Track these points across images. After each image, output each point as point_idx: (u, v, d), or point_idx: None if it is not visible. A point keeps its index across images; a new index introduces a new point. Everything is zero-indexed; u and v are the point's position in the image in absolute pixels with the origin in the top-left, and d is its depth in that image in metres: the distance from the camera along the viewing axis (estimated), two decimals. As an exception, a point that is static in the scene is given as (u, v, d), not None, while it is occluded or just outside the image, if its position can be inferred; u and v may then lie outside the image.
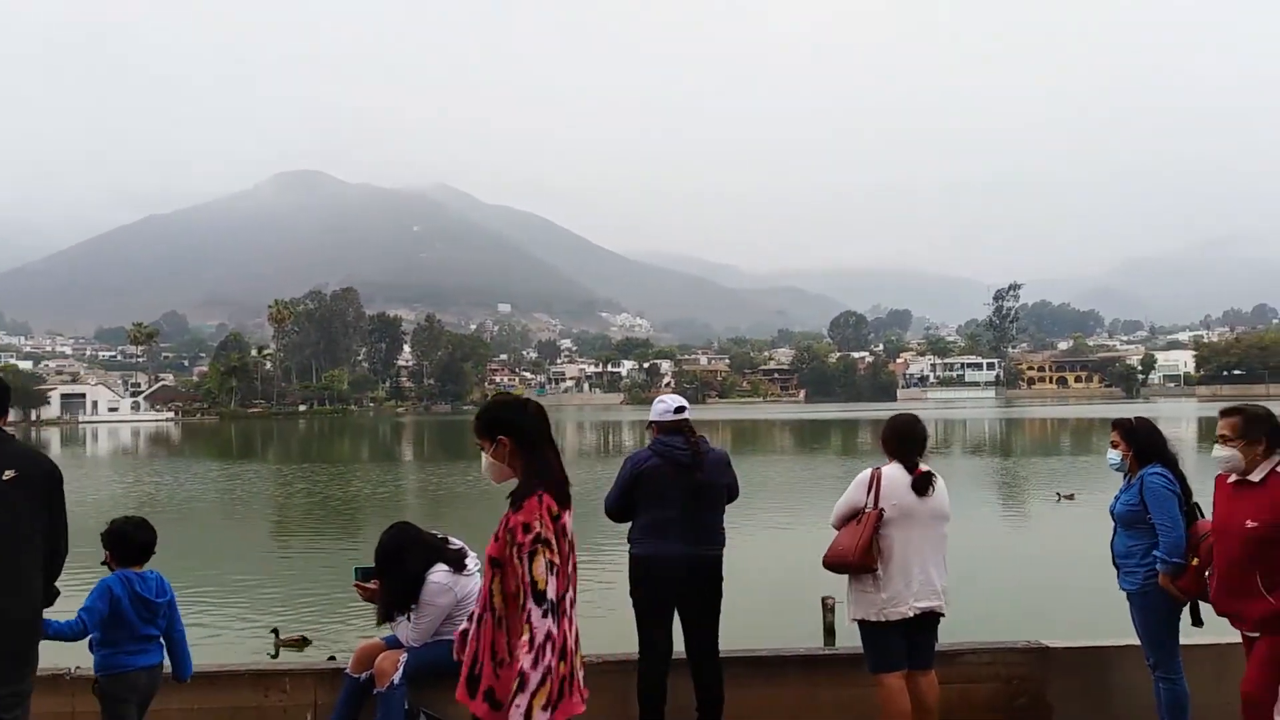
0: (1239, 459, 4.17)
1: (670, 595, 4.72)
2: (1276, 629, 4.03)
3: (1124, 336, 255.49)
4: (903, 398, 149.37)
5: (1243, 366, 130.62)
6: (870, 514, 4.50)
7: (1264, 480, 4.12)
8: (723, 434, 57.49)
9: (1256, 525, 4.05)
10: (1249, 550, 4.08)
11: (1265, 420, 4.17)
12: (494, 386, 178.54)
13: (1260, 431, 4.14)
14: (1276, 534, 4.03)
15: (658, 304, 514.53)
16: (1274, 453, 4.14)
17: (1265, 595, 4.03)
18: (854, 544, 4.48)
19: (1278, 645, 4.03)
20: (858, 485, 4.62)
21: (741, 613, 9.55)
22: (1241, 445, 4.16)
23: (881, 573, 4.48)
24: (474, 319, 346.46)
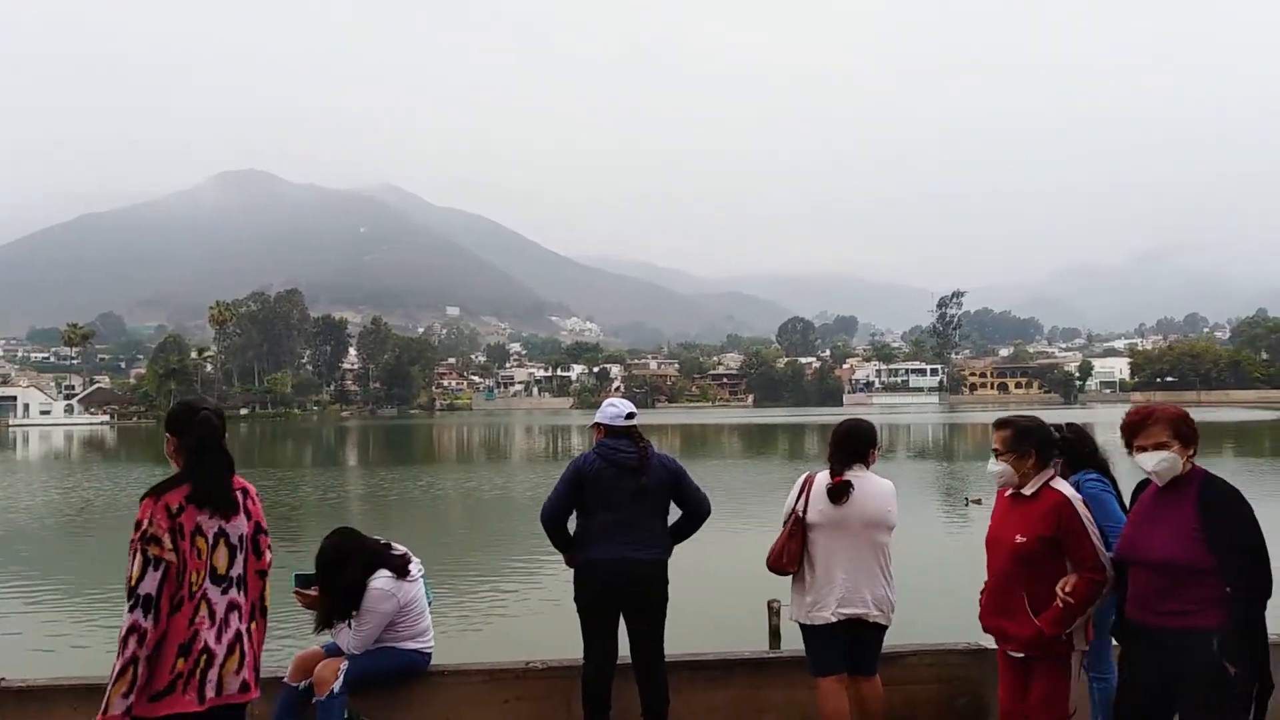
0: (1010, 472, 4.03)
1: (614, 600, 4.69)
2: (1047, 653, 3.89)
3: (1062, 344, 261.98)
4: (849, 403, 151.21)
5: (1175, 374, 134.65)
6: (792, 519, 4.58)
7: (1035, 494, 3.99)
8: (672, 438, 57.63)
9: (1024, 540, 3.92)
10: (1016, 566, 3.95)
11: (1035, 433, 4.03)
12: (441, 390, 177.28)
13: (1030, 444, 4.00)
14: (1043, 550, 3.88)
15: (608, 308, 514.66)
16: (1046, 466, 4.04)
17: (1030, 616, 3.88)
18: (777, 547, 4.60)
19: (1056, 670, 3.90)
20: (793, 490, 4.68)
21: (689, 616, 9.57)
22: (1012, 459, 4.01)
23: (809, 577, 4.54)
24: (421, 322, 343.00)
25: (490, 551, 17.16)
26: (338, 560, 4.67)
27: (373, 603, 4.63)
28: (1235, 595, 3.37)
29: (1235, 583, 3.38)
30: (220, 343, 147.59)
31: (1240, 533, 3.44)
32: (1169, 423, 3.61)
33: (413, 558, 4.88)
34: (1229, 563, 3.40)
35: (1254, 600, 3.40)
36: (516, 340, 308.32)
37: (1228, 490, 3.54)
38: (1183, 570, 3.48)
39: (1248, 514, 3.49)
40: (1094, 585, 3.80)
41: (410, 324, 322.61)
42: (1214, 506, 3.48)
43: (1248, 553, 3.41)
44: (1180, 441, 3.59)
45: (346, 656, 4.61)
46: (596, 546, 4.69)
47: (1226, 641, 3.35)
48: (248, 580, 3.25)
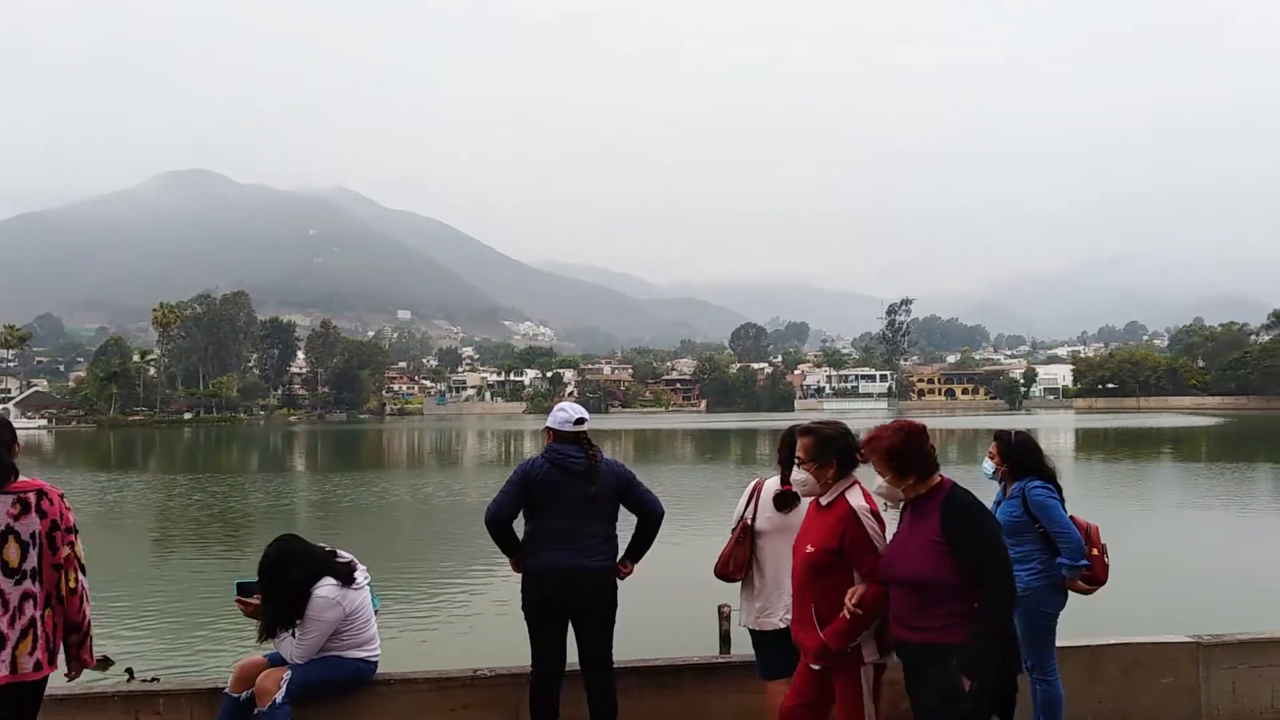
0: (812, 481, 4.00)
1: (561, 607, 4.66)
2: (837, 666, 3.83)
3: (1008, 351, 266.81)
4: (800, 408, 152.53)
5: (1116, 380, 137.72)
6: (740, 525, 4.60)
7: (830, 504, 3.96)
8: (625, 443, 57.61)
9: (813, 550, 3.89)
10: (807, 576, 3.93)
11: (836, 442, 3.99)
12: (392, 395, 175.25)
13: (831, 453, 3.96)
14: (829, 560, 3.83)
15: (562, 313, 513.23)
16: (847, 475, 4.00)
17: (816, 628, 3.84)
18: (724, 555, 4.62)
19: (848, 684, 3.83)
20: (743, 496, 4.69)
21: (639, 622, 9.56)
22: (814, 468, 3.98)
23: (757, 583, 4.55)
24: (372, 325, 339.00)
25: (438, 558, 17.00)
26: (280, 568, 4.59)
27: (317, 611, 4.55)
28: (979, 609, 3.35)
29: (979, 597, 3.37)
30: (164, 345, 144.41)
31: (979, 546, 3.41)
32: (882, 455, 3.64)
33: (358, 565, 4.82)
34: (971, 577, 3.38)
35: (997, 614, 3.35)
36: (469, 344, 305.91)
37: (968, 504, 3.52)
38: (928, 586, 3.47)
39: (988, 527, 3.49)
40: (880, 597, 3.72)
41: (360, 327, 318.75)
42: (954, 521, 3.47)
43: (987, 565, 3.38)
44: (895, 472, 3.63)
45: (289, 666, 4.53)
46: (542, 553, 4.66)
47: (967, 656, 3.32)
48: (43, 573, 3.54)
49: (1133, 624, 7.22)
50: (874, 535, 3.83)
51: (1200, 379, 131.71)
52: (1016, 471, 5.00)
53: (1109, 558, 4.90)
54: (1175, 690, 5.30)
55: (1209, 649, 5.36)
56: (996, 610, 3.36)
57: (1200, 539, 17.86)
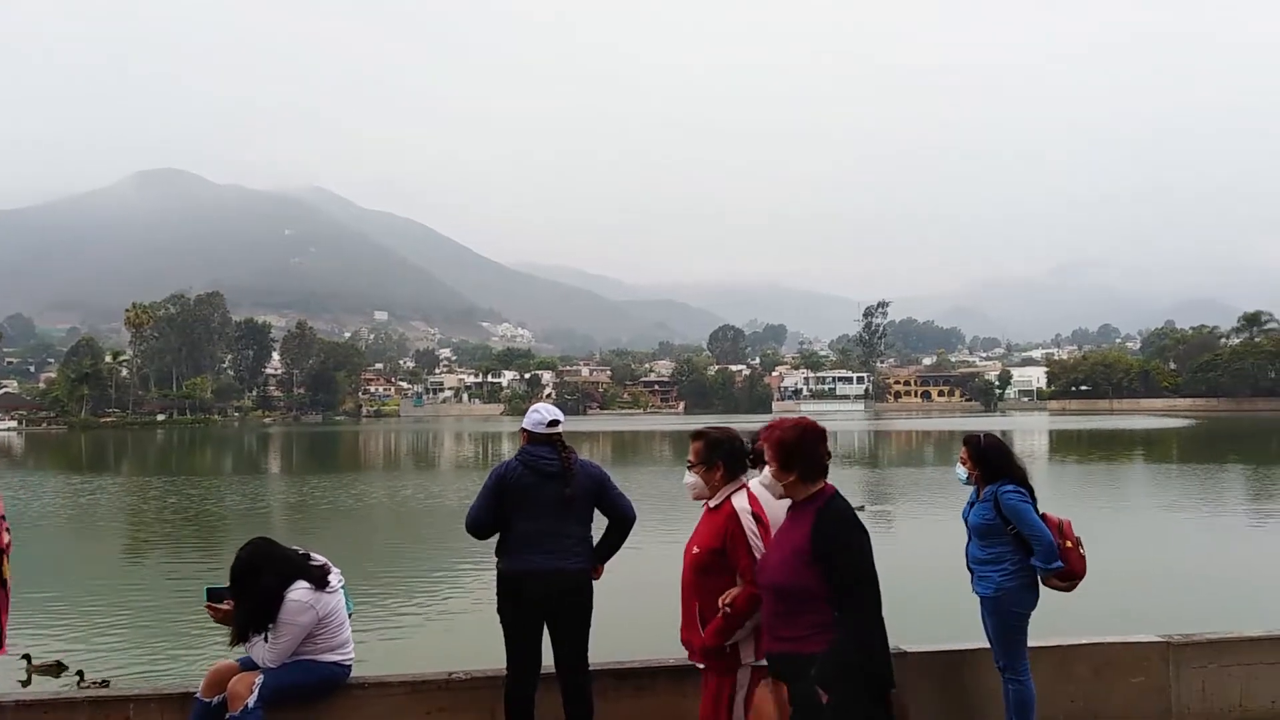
0: (700, 484, 4.07)
1: (537, 610, 4.66)
2: (715, 666, 3.90)
3: (983, 353, 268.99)
4: (778, 410, 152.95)
5: (1089, 382, 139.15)
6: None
7: (718, 506, 4.02)
8: (603, 445, 57.58)
9: (698, 551, 3.98)
10: (691, 576, 4.01)
11: (724, 445, 4.04)
12: (368, 396, 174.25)
13: (718, 456, 4.02)
14: (712, 561, 3.90)
15: (539, 315, 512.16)
16: (735, 478, 4.04)
17: (698, 628, 3.92)
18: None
19: (722, 685, 3.90)
20: None
21: (616, 624, 9.55)
22: (702, 471, 4.05)
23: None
24: (348, 326, 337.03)
25: (414, 560, 16.91)
26: (253, 571, 4.55)
27: (290, 615, 4.52)
28: (840, 621, 3.28)
29: (841, 608, 3.29)
30: (136, 346, 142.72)
31: (845, 555, 3.32)
32: (773, 445, 3.57)
33: (332, 568, 4.78)
34: (833, 587, 3.31)
35: (858, 626, 3.26)
36: (446, 346, 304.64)
37: (840, 514, 3.43)
38: (792, 594, 3.42)
39: (857, 538, 3.38)
40: (754, 599, 3.76)
41: (337, 328, 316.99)
42: (824, 529, 3.38)
43: (851, 577, 3.29)
44: (779, 464, 3.52)
45: (262, 670, 4.50)
46: (518, 556, 4.66)
47: (823, 668, 3.25)
48: None
49: (1104, 624, 7.29)
50: (751, 536, 3.87)
51: (1172, 381, 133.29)
52: (988, 475, 5.05)
53: (1084, 549, 4.94)
54: (1146, 689, 5.37)
55: (1179, 648, 5.43)
56: (857, 623, 3.25)
57: (1171, 540, 18.08)
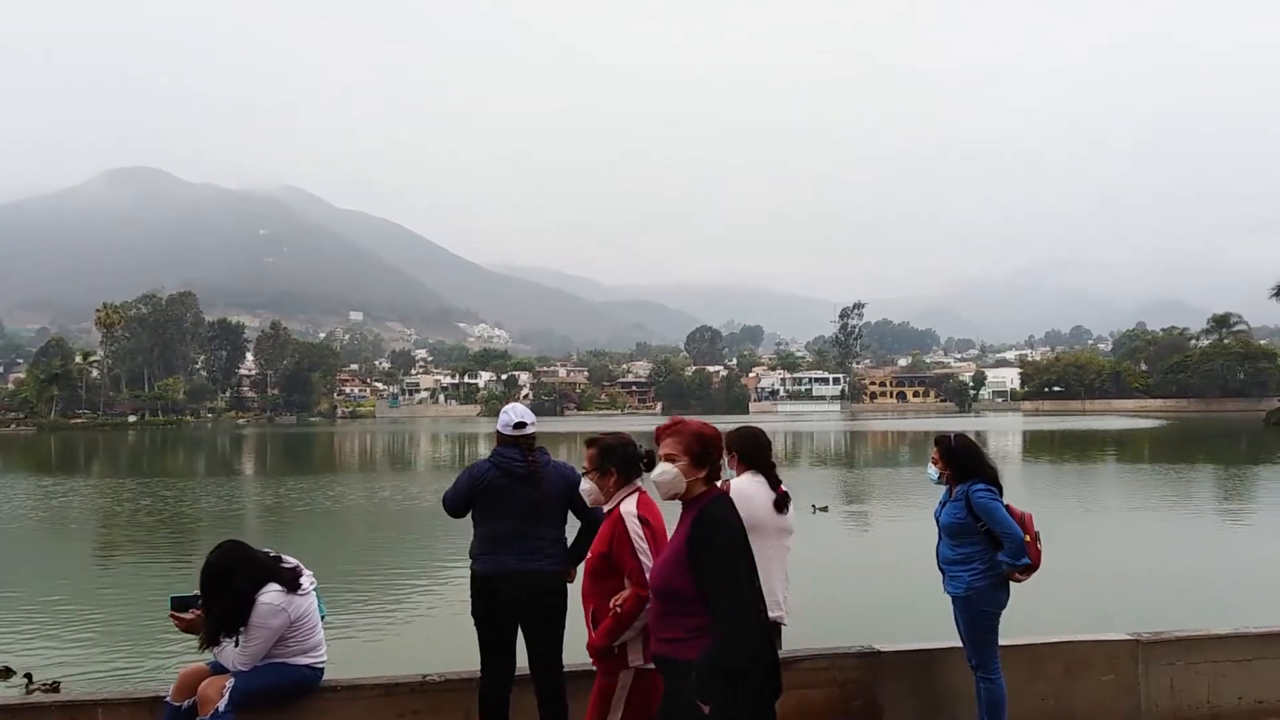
0: (595, 490, 4.16)
1: (509, 611, 4.64)
2: (604, 667, 3.95)
3: (958, 354, 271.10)
4: (755, 410, 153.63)
5: (1062, 383, 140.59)
6: None
7: (610, 511, 4.10)
8: (580, 446, 57.44)
9: (590, 556, 4.09)
10: (585, 580, 4.10)
11: (616, 451, 4.11)
12: (343, 397, 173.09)
13: (611, 462, 4.09)
14: (603, 565, 3.98)
15: (516, 315, 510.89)
16: (628, 483, 4.09)
17: (590, 629, 4.02)
18: None
19: (606, 686, 3.97)
20: None
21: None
22: (596, 477, 4.15)
23: None
24: (323, 327, 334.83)
25: (388, 562, 16.81)
26: (224, 574, 4.50)
27: (261, 618, 4.48)
28: (713, 626, 3.22)
29: (710, 612, 3.24)
30: (107, 347, 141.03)
31: (713, 558, 3.25)
32: (682, 437, 3.49)
33: (304, 570, 4.75)
34: (705, 590, 3.26)
35: (725, 633, 3.18)
36: (422, 346, 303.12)
37: (715, 515, 3.36)
38: (670, 596, 3.38)
39: (729, 539, 3.30)
40: (640, 601, 3.81)
41: (311, 329, 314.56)
42: (698, 531, 3.33)
43: (717, 580, 3.23)
44: (690, 458, 3.43)
45: (232, 673, 4.45)
46: (490, 557, 4.66)
47: (700, 677, 3.19)
48: None
49: (1074, 622, 7.37)
50: (636, 540, 3.91)
51: (1143, 382, 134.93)
52: (959, 475, 5.08)
53: (1041, 544, 4.99)
54: (1115, 687, 5.42)
55: (1148, 646, 5.49)
56: (725, 629, 3.18)
57: (1141, 539, 18.29)
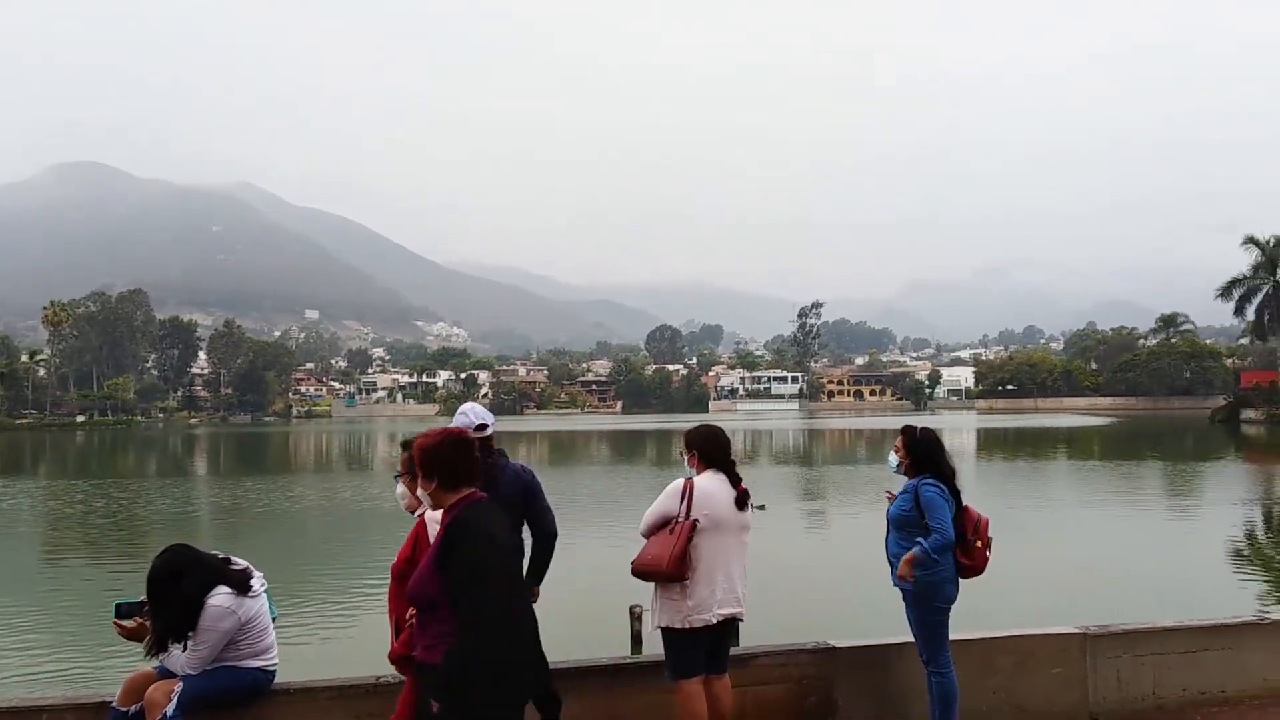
0: (408, 494, 4.23)
1: None
2: (407, 673, 3.87)
3: (914, 353, 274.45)
4: (714, 409, 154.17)
5: (1015, 382, 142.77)
6: (684, 524, 4.55)
7: (418, 515, 4.14)
8: (540, 445, 57.30)
9: (395, 561, 4.13)
10: (392, 585, 4.13)
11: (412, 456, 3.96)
12: (299, 396, 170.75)
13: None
14: (406, 571, 3.94)
15: (476, 314, 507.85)
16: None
17: (393, 637, 4.02)
18: (666, 553, 4.52)
19: (411, 689, 3.87)
20: (671, 494, 4.67)
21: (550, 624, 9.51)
22: (408, 480, 4.18)
23: (689, 581, 4.55)
24: (278, 325, 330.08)
25: (342, 563, 16.60)
26: (172, 578, 4.41)
27: (211, 620, 4.40)
28: (457, 630, 3.25)
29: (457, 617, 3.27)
30: (55, 345, 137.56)
31: (460, 565, 3.26)
32: (410, 456, 3.56)
33: (255, 572, 4.67)
34: (452, 596, 3.27)
35: (467, 637, 3.20)
36: (380, 345, 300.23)
37: (464, 521, 3.36)
38: (423, 602, 3.41)
39: (467, 543, 3.29)
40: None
41: (266, 327, 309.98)
42: (447, 536, 3.35)
43: (463, 585, 3.24)
44: (420, 473, 3.52)
45: (181, 677, 4.37)
46: None
47: (433, 677, 3.25)
48: None
49: (1026, 617, 7.48)
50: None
51: (1093, 380, 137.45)
52: (917, 466, 5.13)
53: (990, 552, 5.06)
54: (1064, 680, 5.51)
55: (1095, 639, 5.59)
56: (465, 633, 3.20)
57: (1091, 534, 18.65)
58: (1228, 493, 24.87)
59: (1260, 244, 63.82)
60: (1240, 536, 17.72)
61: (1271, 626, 6.04)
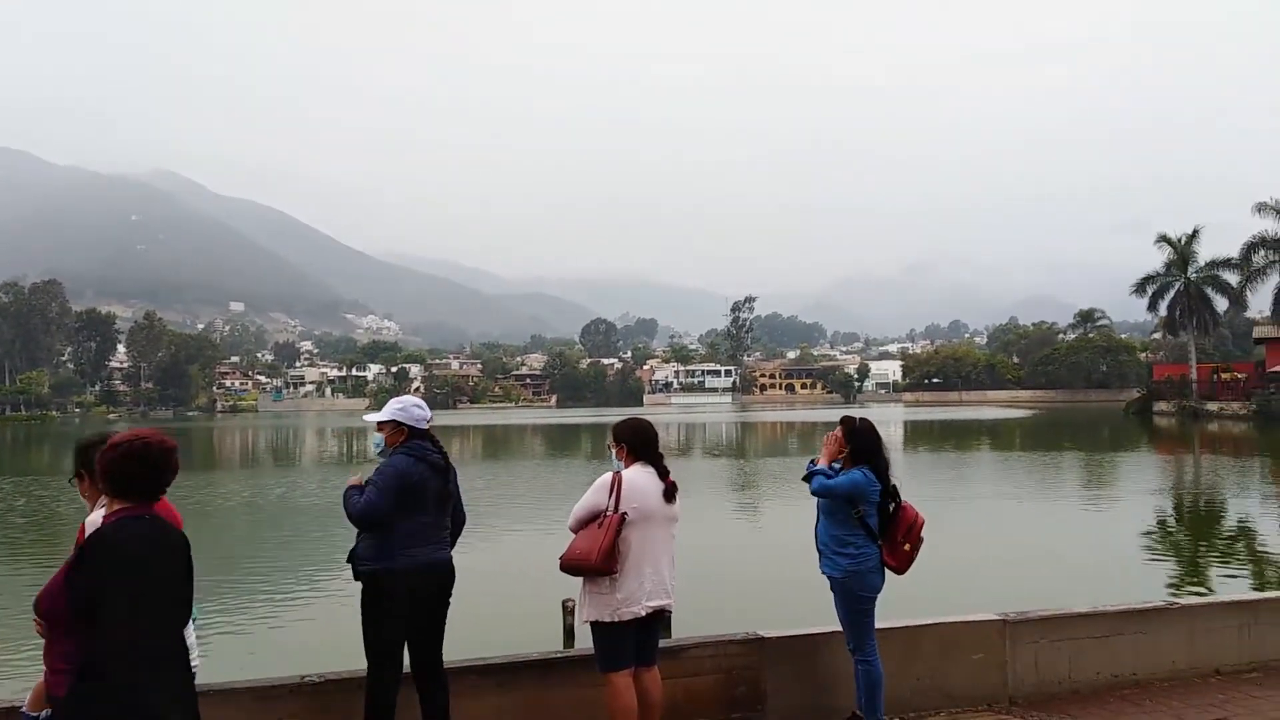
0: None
1: (415, 606, 4.54)
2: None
3: (843, 347, 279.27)
4: (649, 403, 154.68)
5: (940, 375, 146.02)
6: (613, 517, 4.55)
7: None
8: (474, 440, 56.80)
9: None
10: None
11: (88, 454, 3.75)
12: (223, 391, 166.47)
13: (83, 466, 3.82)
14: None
15: (408, 307, 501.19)
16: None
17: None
18: (595, 547, 4.51)
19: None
20: (599, 489, 4.67)
21: (482, 619, 9.44)
22: (83, 483, 3.96)
23: (618, 574, 4.55)
24: (202, 318, 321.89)
25: (262, 560, 16.20)
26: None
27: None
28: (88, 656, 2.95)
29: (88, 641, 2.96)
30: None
31: (82, 584, 2.97)
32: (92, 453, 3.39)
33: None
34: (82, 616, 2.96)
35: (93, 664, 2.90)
36: (308, 338, 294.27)
37: (107, 534, 3.04)
38: (49, 619, 3.14)
39: (109, 563, 2.97)
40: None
41: (189, 320, 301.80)
42: (81, 551, 3.07)
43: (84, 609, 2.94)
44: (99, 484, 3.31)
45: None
46: (412, 550, 4.51)
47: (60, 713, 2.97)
48: None
49: (949, 605, 7.66)
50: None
51: (1015, 374, 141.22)
52: (855, 456, 5.21)
53: (918, 553, 5.19)
54: (985, 665, 5.66)
55: (1014, 625, 5.75)
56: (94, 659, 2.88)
57: (1012, 523, 19.20)
58: (1140, 483, 25.82)
59: (1172, 242, 66.25)
60: (1153, 524, 18.42)
61: (1180, 611, 6.29)
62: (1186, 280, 65.64)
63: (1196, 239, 65.64)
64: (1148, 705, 5.61)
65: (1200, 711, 5.48)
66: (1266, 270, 58.79)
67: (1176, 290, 66.45)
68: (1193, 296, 65.28)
